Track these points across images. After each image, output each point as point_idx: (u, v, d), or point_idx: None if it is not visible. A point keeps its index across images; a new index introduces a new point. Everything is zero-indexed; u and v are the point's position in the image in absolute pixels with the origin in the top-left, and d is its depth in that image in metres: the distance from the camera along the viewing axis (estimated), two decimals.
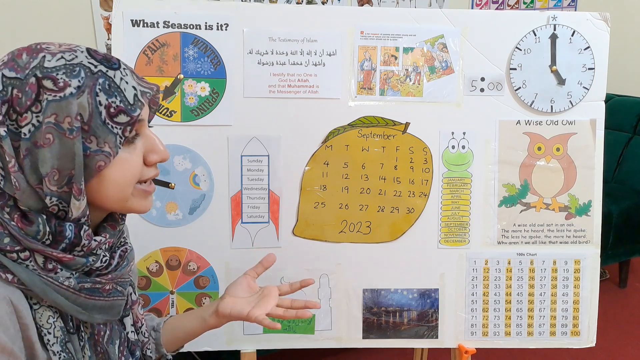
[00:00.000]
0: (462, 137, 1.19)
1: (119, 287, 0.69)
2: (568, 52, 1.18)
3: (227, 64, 1.13)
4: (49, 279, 0.61)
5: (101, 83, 0.61)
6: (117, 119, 0.62)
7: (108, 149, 0.61)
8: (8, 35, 1.81)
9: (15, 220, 0.60)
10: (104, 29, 2.00)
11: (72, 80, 0.60)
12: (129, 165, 0.65)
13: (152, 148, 0.68)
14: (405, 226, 1.20)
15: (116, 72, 0.63)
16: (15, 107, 0.59)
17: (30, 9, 1.84)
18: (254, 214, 1.17)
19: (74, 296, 0.63)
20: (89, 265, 0.64)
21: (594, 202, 1.22)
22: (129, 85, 0.63)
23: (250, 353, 1.21)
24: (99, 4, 1.98)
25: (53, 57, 0.61)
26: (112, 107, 0.61)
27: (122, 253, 0.70)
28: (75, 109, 0.59)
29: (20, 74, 0.60)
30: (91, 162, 0.61)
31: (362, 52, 1.16)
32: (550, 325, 1.23)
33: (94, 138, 0.61)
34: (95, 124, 0.60)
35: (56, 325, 0.63)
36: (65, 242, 0.62)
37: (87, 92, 0.60)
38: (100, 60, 0.63)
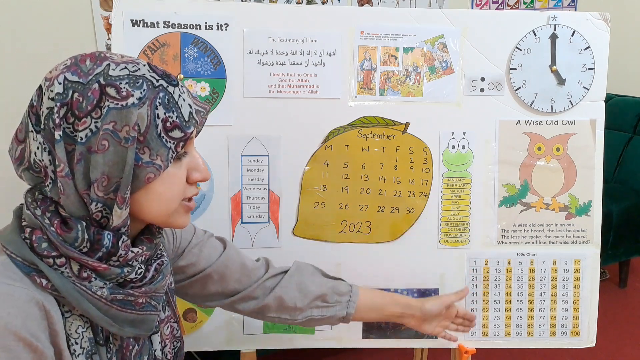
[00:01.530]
0: (462, 137, 1.19)
1: (152, 301, 0.69)
2: (568, 52, 1.18)
3: (227, 64, 1.13)
4: (82, 287, 0.61)
5: (161, 97, 0.62)
6: (171, 134, 0.62)
7: (159, 162, 0.62)
8: (8, 35, 1.81)
9: (55, 226, 0.61)
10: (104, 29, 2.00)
11: (135, 91, 0.60)
12: (175, 180, 0.66)
13: (196, 166, 0.69)
14: (405, 226, 1.20)
15: (175, 88, 0.64)
16: (74, 110, 0.59)
17: (30, 9, 1.84)
18: (254, 214, 1.17)
19: (105, 307, 0.63)
20: (123, 276, 0.64)
21: (594, 202, 1.22)
22: (186, 103, 0.64)
23: (250, 353, 1.21)
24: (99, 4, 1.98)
25: (117, 66, 0.61)
26: (168, 121, 0.62)
27: (157, 267, 0.70)
28: (134, 119, 0.60)
29: (83, 79, 0.60)
30: (141, 173, 0.61)
31: (362, 52, 1.16)
32: (550, 325, 1.23)
33: (147, 150, 0.61)
34: (150, 136, 0.61)
35: (84, 336, 0.64)
36: (102, 251, 0.62)
37: (147, 104, 0.61)
38: (161, 75, 0.64)
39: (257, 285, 0.94)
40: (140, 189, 0.63)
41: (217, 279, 0.92)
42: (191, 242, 0.90)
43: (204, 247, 0.91)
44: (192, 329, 1.19)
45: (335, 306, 0.98)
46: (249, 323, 1.20)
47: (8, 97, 1.82)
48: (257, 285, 0.94)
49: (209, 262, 0.91)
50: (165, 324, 0.79)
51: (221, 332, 1.19)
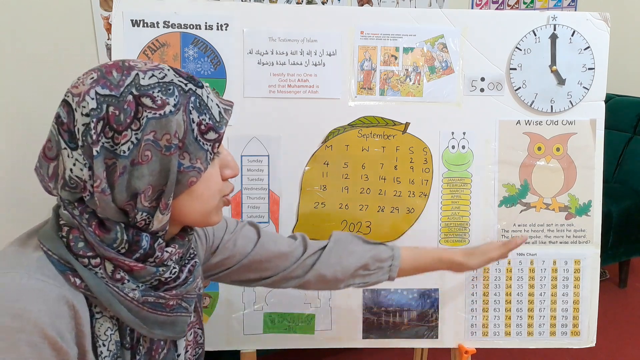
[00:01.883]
0: (462, 137, 1.19)
1: (184, 303, 0.69)
2: (568, 52, 1.18)
3: (227, 64, 1.13)
4: (115, 288, 0.61)
5: (193, 101, 0.62)
6: (207, 136, 0.63)
7: (199, 165, 0.63)
8: (8, 35, 1.81)
9: (93, 227, 0.61)
10: (104, 29, 2.00)
11: (169, 99, 0.61)
12: (214, 180, 0.67)
13: (227, 163, 0.70)
14: (405, 226, 1.20)
15: (203, 90, 0.64)
16: (112, 124, 0.59)
17: (30, 9, 1.84)
18: (254, 214, 1.17)
19: (136, 309, 0.63)
20: (158, 276, 0.64)
21: (594, 202, 1.22)
22: (214, 103, 0.65)
23: (250, 353, 1.21)
24: (99, 4, 1.98)
25: (145, 75, 0.61)
26: (202, 124, 0.63)
27: (191, 268, 0.71)
28: (174, 127, 0.60)
29: (115, 92, 0.59)
30: (184, 178, 0.62)
31: (362, 52, 1.16)
32: (550, 325, 1.23)
33: (187, 154, 0.62)
34: (188, 141, 0.62)
35: (112, 339, 0.64)
36: (140, 252, 0.62)
37: (182, 110, 0.61)
38: (187, 78, 0.64)
39: (296, 265, 0.95)
40: (183, 193, 0.63)
41: (254, 267, 0.92)
42: (223, 238, 0.90)
43: (237, 239, 0.91)
44: None
45: (377, 272, 1.00)
46: (249, 323, 1.20)
47: (8, 97, 1.82)
48: (296, 265, 0.95)
49: (244, 254, 0.91)
50: (190, 329, 0.79)
51: (221, 332, 1.19)
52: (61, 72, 1.87)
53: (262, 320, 1.20)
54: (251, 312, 1.20)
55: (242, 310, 1.19)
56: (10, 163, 1.85)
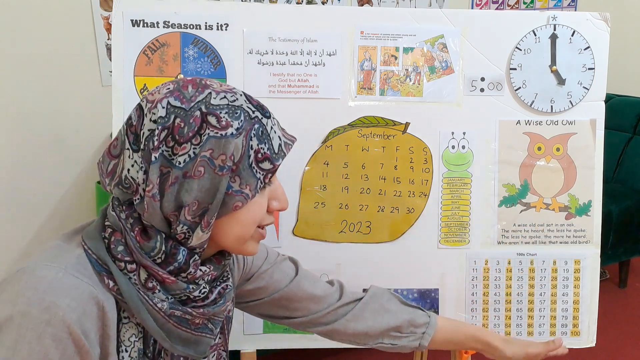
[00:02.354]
0: (462, 137, 1.19)
1: (209, 324, 0.70)
2: (568, 52, 1.18)
3: (227, 64, 1.13)
4: (145, 296, 0.62)
5: (256, 129, 0.63)
6: (262, 165, 0.64)
7: (248, 191, 0.64)
8: (8, 35, 1.81)
9: (135, 233, 0.62)
10: (104, 29, 2.00)
11: (233, 122, 0.62)
12: (258, 209, 0.67)
13: (276, 196, 0.71)
14: (405, 226, 1.20)
15: (268, 120, 0.66)
16: (175, 135, 0.60)
17: (30, 9, 1.84)
18: None
19: (162, 320, 0.63)
20: (187, 292, 0.65)
21: (594, 202, 1.22)
22: (277, 135, 0.66)
23: (250, 353, 1.20)
24: (99, 4, 1.98)
25: (217, 95, 0.63)
26: (260, 152, 0.64)
27: (221, 290, 0.71)
28: (231, 149, 0.61)
29: (186, 105, 0.61)
30: (230, 201, 0.63)
31: (362, 52, 1.16)
32: (550, 325, 1.23)
33: (238, 178, 0.63)
34: (243, 165, 0.63)
35: (135, 346, 0.64)
36: (175, 265, 0.63)
37: (243, 135, 0.62)
38: (256, 106, 0.65)
39: (327, 311, 0.94)
40: (225, 215, 0.64)
41: (284, 304, 0.92)
42: (262, 267, 0.90)
43: (274, 272, 0.91)
44: None
45: (409, 337, 0.96)
46: (249, 323, 1.20)
47: (8, 97, 1.83)
48: (327, 311, 0.94)
49: (278, 288, 0.91)
50: (214, 350, 0.79)
51: None
52: (61, 72, 1.87)
53: (262, 320, 1.20)
54: None
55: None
56: (10, 163, 1.85)
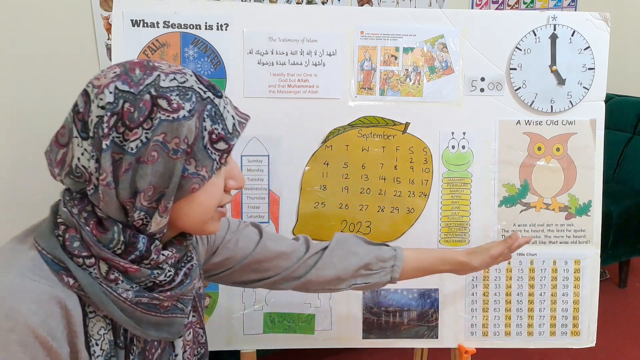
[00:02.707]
0: (462, 137, 1.19)
1: (179, 304, 0.69)
2: (568, 52, 1.18)
3: (227, 64, 1.13)
4: (108, 289, 0.61)
5: (209, 110, 0.63)
6: (217, 146, 0.63)
7: (204, 172, 0.63)
8: (8, 35, 1.81)
9: (91, 227, 0.61)
10: (104, 29, 2.00)
11: (185, 104, 0.61)
12: (216, 189, 0.67)
13: (233, 175, 0.70)
14: (405, 226, 1.20)
15: (221, 100, 0.65)
16: (125, 120, 0.59)
17: (30, 9, 1.84)
18: (254, 214, 1.17)
19: (130, 309, 0.63)
20: (152, 278, 0.64)
21: (594, 202, 1.22)
22: (230, 114, 0.65)
23: (250, 353, 1.21)
24: (99, 4, 1.98)
25: (167, 77, 0.62)
26: (214, 133, 0.63)
27: (187, 271, 0.71)
28: (184, 132, 0.60)
29: (134, 89, 0.60)
30: (186, 184, 0.62)
31: (362, 52, 1.16)
32: (550, 325, 1.23)
33: (194, 161, 0.62)
34: (197, 147, 0.62)
35: (105, 338, 0.64)
36: (136, 254, 0.63)
37: (196, 117, 0.62)
38: (207, 86, 0.65)
39: (297, 265, 0.94)
40: (183, 198, 0.64)
41: (255, 267, 0.92)
42: (225, 237, 0.90)
43: (239, 240, 0.91)
44: None
45: (380, 272, 0.98)
46: (249, 323, 1.20)
47: (8, 97, 1.82)
48: (297, 265, 0.94)
49: (245, 254, 0.91)
50: (189, 329, 0.78)
51: (221, 332, 1.19)
52: (61, 72, 1.87)
53: (262, 320, 1.20)
54: (251, 312, 1.20)
55: (242, 310, 1.19)
56: (10, 163, 1.85)
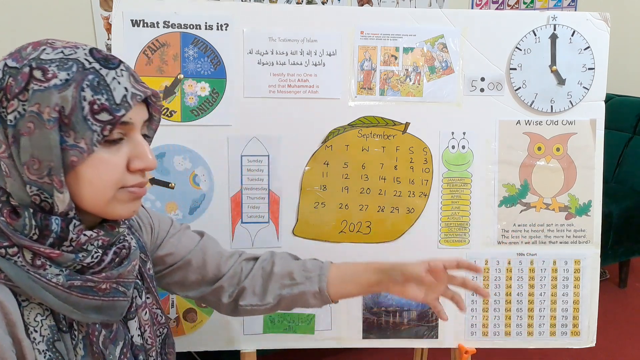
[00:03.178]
0: (462, 137, 1.19)
1: (120, 287, 0.68)
2: (568, 52, 1.18)
3: (227, 64, 1.13)
4: (37, 275, 0.60)
5: (90, 79, 0.61)
6: (98, 117, 0.61)
7: (83, 145, 0.61)
8: (8, 35, 1.81)
9: (5, 215, 0.60)
10: (104, 29, 2.00)
11: (60, 73, 0.60)
12: (107, 166, 0.63)
13: (138, 154, 0.66)
14: (405, 226, 1.20)
15: (111, 71, 0.62)
16: (7, 94, 0.60)
17: (30, 9, 1.84)
18: (254, 214, 1.17)
19: (64, 294, 0.62)
20: (78, 262, 0.63)
21: (594, 202, 1.22)
22: (121, 86, 0.63)
23: (250, 353, 1.21)
24: (99, 4, 1.99)
25: (53, 51, 0.61)
26: (96, 104, 0.60)
27: (117, 250, 0.68)
28: (54, 100, 0.59)
29: (19, 64, 0.61)
30: (66, 157, 0.60)
31: (362, 52, 1.16)
32: (550, 325, 1.23)
33: (73, 132, 0.60)
34: (76, 118, 0.60)
35: (44, 324, 0.63)
36: (53, 237, 0.61)
37: (73, 86, 0.60)
38: (98, 58, 0.63)
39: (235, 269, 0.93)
40: (69, 173, 0.61)
41: (196, 266, 0.91)
42: (169, 232, 0.90)
43: (182, 236, 0.91)
44: (192, 329, 1.19)
45: (305, 283, 0.93)
46: (249, 323, 1.20)
47: None
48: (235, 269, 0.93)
49: (188, 250, 0.91)
50: (144, 309, 0.78)
51: (221, 332, 1.19)
52: None
53: (262, 320, 1.20)
54: None
55: None
56: None
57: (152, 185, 1.14)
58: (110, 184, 0.64)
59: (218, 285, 0.92)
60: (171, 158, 1.14)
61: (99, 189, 0.64)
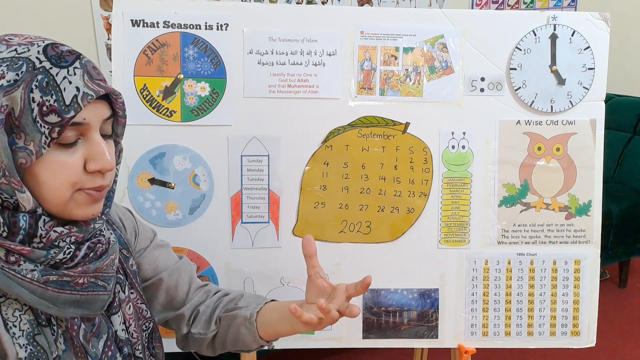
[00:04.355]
0: (462, 137, 1.19)
1: (99, 281, 0.68)
2: (568, 52, 1.18)
3: (227, 64, 1.13)
4: (11, 272, 0.60)
5: (39, 80, 0.59)
6: (47, 118, 0.59)
7: (32, 147, 0.60)
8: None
9: None
10: (104, 29, 2.00)
11: (9, 73, 0.59)
12: (61, 168, 0.62)
13: (94, 155, 0.64)
14: (405, 226, 1.20)
15: (62, 70, 0.61)
16: None
17: (30, 9, 1.84)
18: (254, 214, 1.17)
19: (40, 290, 0.61)
20: (50, 258, 0.62)
21: (594, 202, 1.22)
22: (72, 86, 0.61)
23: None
24: (99, 4, 1.99)
25: (7, 49, 0.60)
26: (45, 105, 0.59)
27: (91, 245, 0.67)
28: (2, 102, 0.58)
29: None
30: (15, 158, 0.60)
31: (362, 52, 1.16)
32: (550, 325, 1.23)
33: (23, 135, 0.59)
34: (25, 120, 0.59)
35: (23, 319, 0.63)
36: (22, 234, 0.61)
37: (22, 87, 0.59)
38: (51, 56, 0.61)
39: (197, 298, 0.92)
40: (26, 174, 0.61)
41: (167, 286, 0.89)
42: (151, 244, 0.89)
43: (162, 252, 0.91)
44: None
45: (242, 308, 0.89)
46: None
47: None
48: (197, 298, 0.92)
49: (164, 267, 0.90)
50: (127, 303, 0.77)
51: None
52: None
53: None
54: None
55: None
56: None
57: (152, 185, 1.14)
58: (66, 186, 0.63)
59: (181, 312, 0.91)
60: (171, 158, 1.14)
61: (54, 190, 0.63)
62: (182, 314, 0.91)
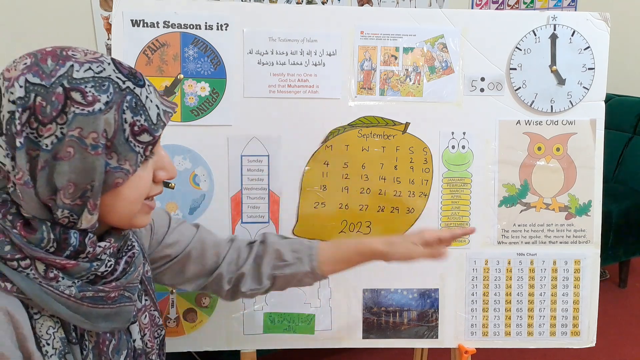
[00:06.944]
0: (462, 137, 1.19)
1: (126, 292, 0.68)
2: (568, 52, 1.18)
3: (227, 64, 1.13)
4: (49, 288, 0.60)
5: (128, 100, 0.60)
6: (139, 138, 0.61)
7: (128, 166, 0.61)
8: (8, 35, 1.81)
9: (18, 228, 0.59)
10: (104, 29, 2.01)
11: (101, 96, 0.58)
12: (142, 182, 0.65)
13: (162, 166, 0.68)
14: (405, 226, 1.20)
15: (142, 89, 0.63)
16: (37, 115, 0.57)
17: (30, 9, 1.84)
18: (254, 214, 1.17)
19: (75, 305, 0.62)
20: (93, 271, 0.63)
21: (594, 202, 1.22)
22: (153, 104, 0.63)
23: (250, 353, 1.21)
24: (99, 4, 1.99)
25: (81, 67, 0.59)
26: (136, 125, 0.61)
27: (128, 259, 0.69)
28: (101, 125, 0.58)
29: (46, 82, 0.57)
30: (109, 179, 0.60)
31: (362, 52, 1.16)
32: (550, 325, 1.23)
33: (115, 155, 0.60)
34: (118, 141, 0.60)
35: (55, 336, 0.63)
36: (70, 250, 0.61)
37: (114, 109, 0.59)
38: (127, 75, 0.62)
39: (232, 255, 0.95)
40: (108, 193, 0.62)
41: (196, 256, 0.92)
42: (170, 226, 0.91)
43: (182, 229, 0.93)
44: (192, 329, 1.19)
45: (297, 263, 0.95)
46: (249, 323, 1.20)
47: None
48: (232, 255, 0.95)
49: (188, 241, 0.92)
50: (143, 312, 0.78)
51: (221, 332, 1.19)
52: None
53: (262, 320, 1.20)
54: (251, 312, 1.20)
55: (242, 310, 1.19)
56: None
57: None
58: (142, 198, 0.66)
59: (217, 273, 0.93)
60: (171, 158, 1.13)
61: (131, 204, 0.65)
62: (219, 273, 0.93)
